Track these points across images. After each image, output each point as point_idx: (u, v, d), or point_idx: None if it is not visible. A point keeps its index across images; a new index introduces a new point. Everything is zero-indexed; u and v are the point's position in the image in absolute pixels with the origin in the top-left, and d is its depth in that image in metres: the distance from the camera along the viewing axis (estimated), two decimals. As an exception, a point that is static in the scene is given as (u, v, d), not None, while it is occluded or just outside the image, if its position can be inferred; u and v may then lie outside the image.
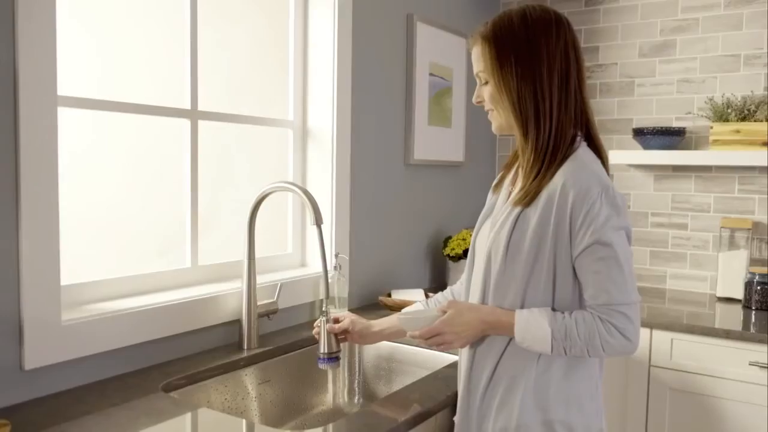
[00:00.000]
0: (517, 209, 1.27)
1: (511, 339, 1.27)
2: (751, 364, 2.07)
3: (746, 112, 2.51)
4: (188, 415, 1.32)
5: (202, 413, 1.34)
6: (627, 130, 2.84)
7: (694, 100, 2.70)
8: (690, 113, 2.69)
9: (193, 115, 1.81)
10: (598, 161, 1.30)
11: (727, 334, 2.11)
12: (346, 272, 2.14)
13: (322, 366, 1.54)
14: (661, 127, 2.61)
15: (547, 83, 1.25)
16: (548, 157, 1.25)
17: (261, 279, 1.87)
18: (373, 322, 1.56)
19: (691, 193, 2.72)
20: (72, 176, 1.55)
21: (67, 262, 1.49)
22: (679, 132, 2.61)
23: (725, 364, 2.12)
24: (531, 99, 1.25)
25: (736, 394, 2.11)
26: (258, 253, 2.05)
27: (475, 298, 1.35)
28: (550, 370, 1.26)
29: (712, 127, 2.53)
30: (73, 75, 1.54)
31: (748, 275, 2.42)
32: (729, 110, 2.52)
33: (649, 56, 2.78)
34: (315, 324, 1.56)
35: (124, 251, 1.71)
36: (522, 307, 1.26)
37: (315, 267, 2.14)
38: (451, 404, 1.45)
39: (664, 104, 2.76)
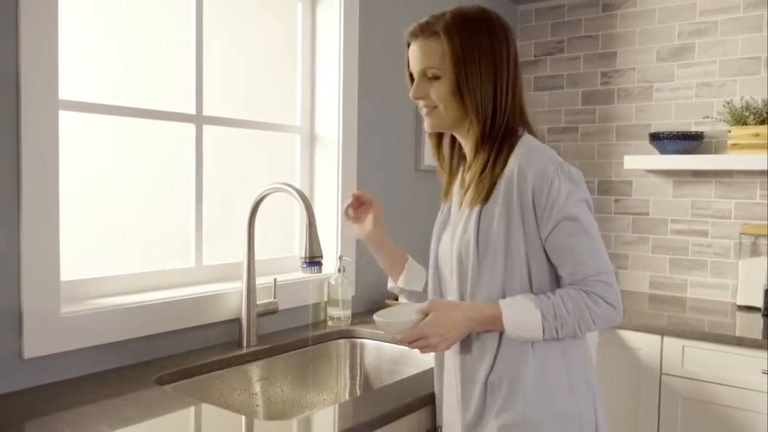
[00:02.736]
0: (477, 208, 1.27)
1: (500, 342, 1.26)
2: (764, 372, 2.01)
3: (766, 115, 2.45)
4: (177, 407, 1.36)
5: (192, 406, 1.38)
6: (645, 135, 2.80)
7: (714, 104, 2.65)
8: (708, 117, 2.64)
9: (198, 120, 1.88)
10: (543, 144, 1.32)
11: (739, 342, 2.05)
12: (350, 275, 2.17)
13: (304, 270, 1.58)
14: (678, 132, 2.57)
15: (504, 80, 1.27)
16: (497, 149, 1.27)
17: (265, 279, 1.92)
18: (386, 238, 1.54)
19: (711, 199, 2.66)
20: (95, 181, 1.64)
21: (79, 259, 1.57)
22: (696, 136, 2.56)
23: (737, 372, 2.06)
24: (491, 97, 1.27)
25: (748, 403, 2.04)
26: (266, 255, 2.10)
27: None
28: (547, 361, 1.25)
29: (730, 131, 2.48)
30: (89, 78, 1.62)
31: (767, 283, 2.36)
32: (747, 113, 2.47)
33: (668, 60, 2.74)
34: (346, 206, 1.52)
35: (137, 251, 1.78)
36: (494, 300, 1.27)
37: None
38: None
39: (682, 109, 2.72)
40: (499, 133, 1.28)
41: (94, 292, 1.65)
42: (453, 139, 1.42)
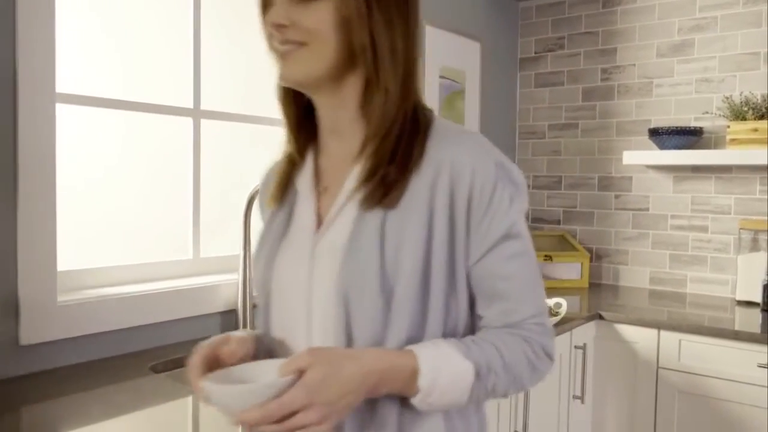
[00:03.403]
0: (378, 215, 0.85)
1: (401, 414, 0.86)
2: (760, 366, 2.00)
3: (765, 110, 2.45)
4: (171, 395, 1.38)
5: (187, 395, 1.40)
6: (645, 131, 2.80)
7: (713, 99, 2.64)
8: (707, 113, 2.64)
9: (196, 114, 1.90)
10: None
11: (735, 335, 2.05)
12: (348, 268, 2.19)
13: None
14: (677, 127, 2.57)
15: (411, 23, 0.89)
16: (411, 127, 0.88)
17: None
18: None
19: (711, 194, 2.66)
20: (96, 177, 1.66)
21: (80, 252, 1.60)
22: (695, 131, 2.56)
23: (734, 366, 2.06)
24: (401, 41, 0.86)
25: (745, 397, 2.04)
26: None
27: None
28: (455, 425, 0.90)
29: (729, 127, 2.48)
30: (88, 73, 1.65)
31: (767, 278, 2.35)
32: (746, 109, 2.46)
33: (667, 56, 2.74)
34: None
35: (137, 245, 1.81)
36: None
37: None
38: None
39: (682, 105, 2.72)
40: (410, 102, 0.89)
41: (91, 282, 1.67)
42: (301, 104, 0.96)
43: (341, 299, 0.85)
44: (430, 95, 2.57)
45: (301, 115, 0.96)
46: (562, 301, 2.09)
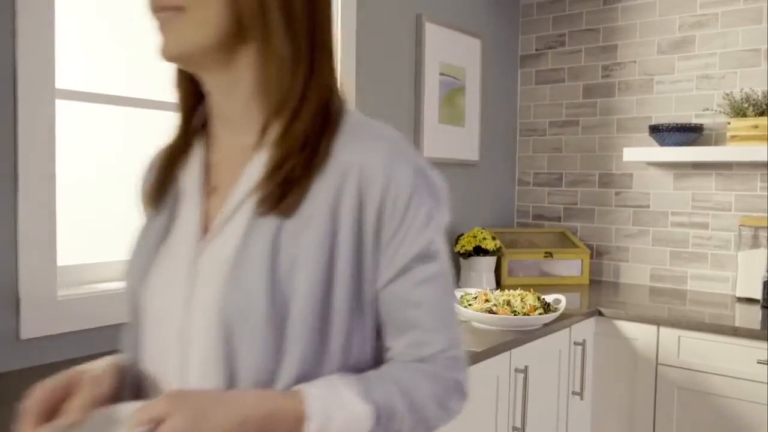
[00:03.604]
0: (273, 222, 0.72)
1: None
2: (759, 362, 2.01)
3: (765, 107, 2.45)
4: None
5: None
6: (645, 128, 2.80)
7: (714, 96, 2.64)
8: (708, 109, 2.64)
9: (196, 110, 1.91)
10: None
11: (735, 332, 2.05)
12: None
13: None
14: (677, 124, 2.56)
15: (327, 5, 0.78)
16: (313, 121, 0.74)
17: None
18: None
19: (712, 191, 2.66)
20: (102, 170, 1.67)
21: (81, 247, 1.61)
22: (695, 128, 2.56)
23: (733, 363, 2.07)
24: (302, 12, 0.74)
25: (743, 393, 2.04)
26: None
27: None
28: None
29: (729, 123, 2.48)
30: (89, 70, 1.66)
31: (767, 275, 2.35)
32: (747, 105, 2.46)
33: (668, 53, 2.74)
34: None
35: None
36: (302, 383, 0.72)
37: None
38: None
39: (683, 101, 2.72)
40: (321, 81, 0.75)
41: (91, 277, 1.68)
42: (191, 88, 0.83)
43: (223, 327, 0.70)
44: (431, 92, 2.57)
45: (198, 101, 0.83)
46: (561, 297, 2.10)
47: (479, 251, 2.55)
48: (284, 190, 0.72)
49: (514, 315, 1.91)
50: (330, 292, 0.72)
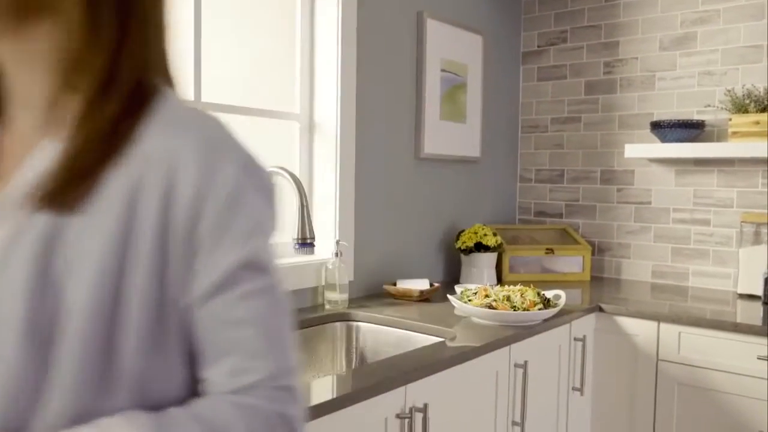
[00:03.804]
0: (48, 221, 0.60)
1: None
2: (759, 358, 2.01)
3: (767, 103, 2.44)
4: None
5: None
6: (647, 124, 2.80)
7: (716, 92, 2.64)
8: (709, 106, 2.63)
9: (196, 106, 1.92)
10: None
11: (735, 328, 2.05)
12: (348, 259, 2.20)
13: (297, 251, 1.65)
14: (678, 120, 2.56)
15: None
16: (118, 100, 0.63)
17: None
18: None
19: (713, 187, 2.66)
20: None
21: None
22: (697, 124, 2.56)
23: (734, 359, 2.07)
24: None
25: (743, 389, 2.04)
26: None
27: None
28: None
29: (731, 119, 2.48)
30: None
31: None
32: (749, 101, 2.46)
33: (670, 50, 2.74)
34: None
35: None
36: (75, 424, 0.59)
37: (318, 252, 2.21)
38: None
39: (685, 98, 2.71)
40: (125, 66, 0.64)
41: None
42: None
43: None
44: (432, 89, 2.58)
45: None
46: (561, 292, 2.10)
47: (480, 247, 2.55)
48: (71, 182, 0.59)
49: (514, 310, 1.91)
50: (118, 306, 0.59)
